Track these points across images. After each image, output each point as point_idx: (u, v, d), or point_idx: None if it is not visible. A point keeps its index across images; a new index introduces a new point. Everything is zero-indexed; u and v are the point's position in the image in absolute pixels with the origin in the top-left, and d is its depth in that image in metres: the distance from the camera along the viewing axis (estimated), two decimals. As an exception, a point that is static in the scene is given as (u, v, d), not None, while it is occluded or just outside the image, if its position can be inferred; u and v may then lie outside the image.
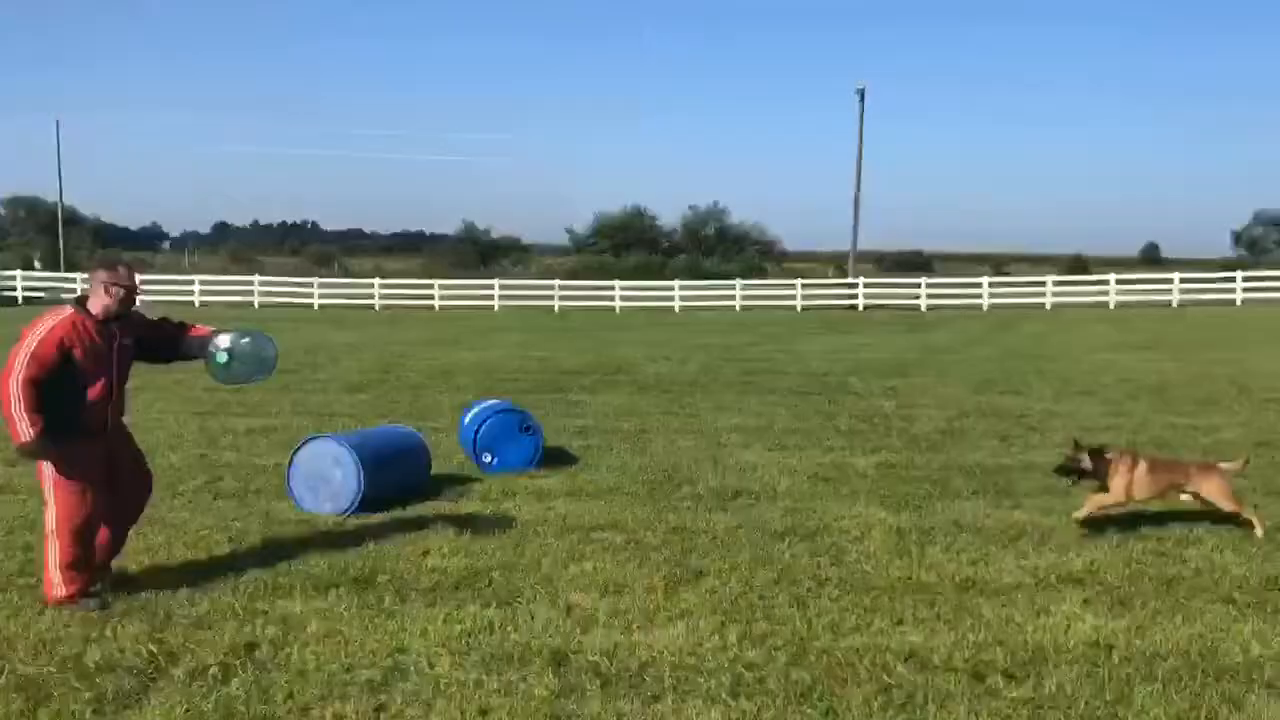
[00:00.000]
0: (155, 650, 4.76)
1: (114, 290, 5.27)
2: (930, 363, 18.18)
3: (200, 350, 5.64)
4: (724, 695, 4.35)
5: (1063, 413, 12.08)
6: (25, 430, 5.09)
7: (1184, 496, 6.92)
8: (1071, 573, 6.00)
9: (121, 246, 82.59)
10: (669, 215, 76.04)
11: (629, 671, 4.58)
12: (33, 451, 5.16)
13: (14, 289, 42.98)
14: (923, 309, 38.71)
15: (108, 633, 4.97)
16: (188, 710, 4.15)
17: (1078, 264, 70.78)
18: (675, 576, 5.90)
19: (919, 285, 41.04)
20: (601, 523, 7.09)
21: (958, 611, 5.36)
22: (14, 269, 48.81)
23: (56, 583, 5.29)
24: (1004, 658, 4.75)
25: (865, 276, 45.74)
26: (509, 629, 5.07)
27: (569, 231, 70.53)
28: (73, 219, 67.42)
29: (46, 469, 5.27)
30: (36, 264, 59.16)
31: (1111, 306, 38.12)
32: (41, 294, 42.72)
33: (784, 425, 11.20)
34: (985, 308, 38.82)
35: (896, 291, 42.03)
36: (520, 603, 5.45)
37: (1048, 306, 38.84)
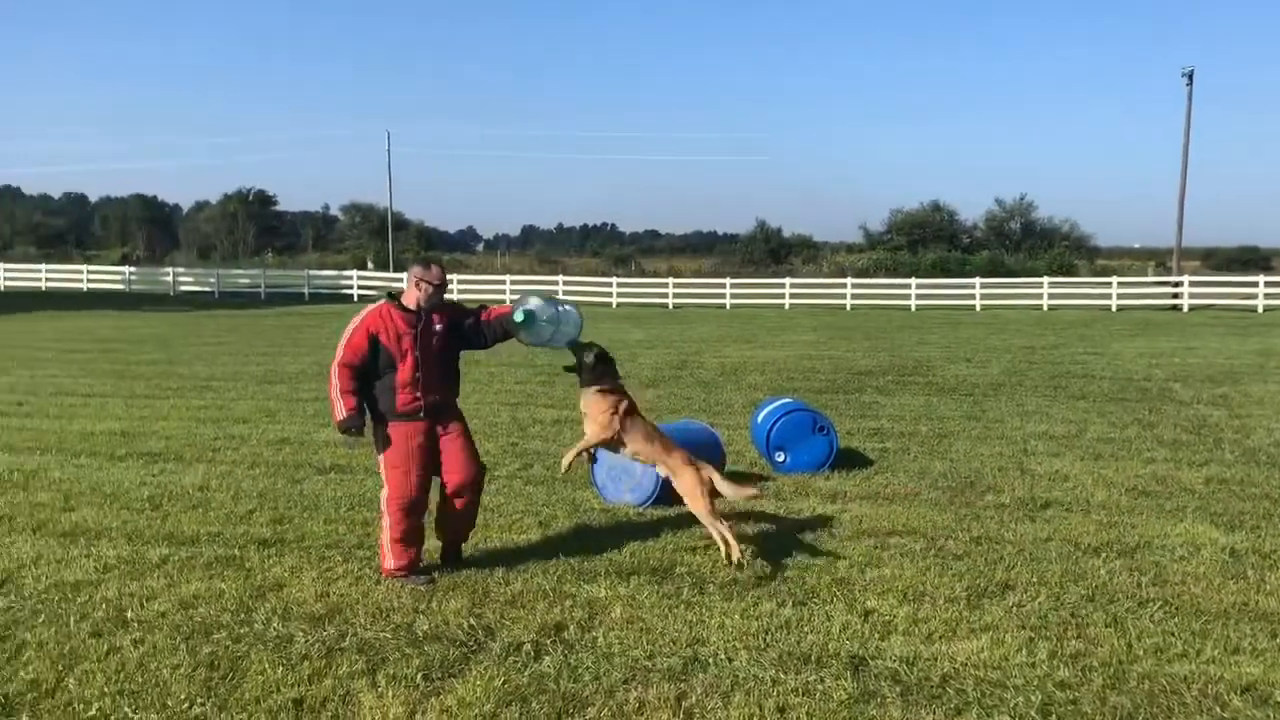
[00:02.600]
0: (475, 624, 5.11)
1: (424, 286, 5.75)
2: (1269, 369, 16.46)
3: (507, 324, 5.95)
4: (1033, 714, 4.14)
5: None
6: (339, 409, 5.66)
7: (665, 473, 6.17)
8: None
9: (441, 249, 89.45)
10: (970, 210, 73.47)
11: (930, 682, 4.45)
12: (346, 428, 5.67)
13: (351, 287, 47.48)
14: (1259, 310, 35.12)
15: (434, 605, 5.39)
16: (505, 683, 4.43)
17: None
18: (979, 588, 5.67)
19: (1255, 284, 37.20)
20: (899, 528, 6.92)
21: (1306, 646, 4.83)
22: (350, 269, 54.17)
23: (388, 555, 5.79)
24: (1364, 702, 4.23)
25: (1190, 274, 42.09)
26: (805, 629, 5.06)
27: (863, 228, 69.68)
28: (400, 223, 73.67)
29: (381, 452, 5.79)
30: (369, 265, 65.17)
31: None
32: (374, 292, 46.87)
33: (1097, 433, 10.50)
34: (1335, 308, 34.72)
35: (1228, 290, 38.35)
36: (816, 603, 5.42)
37: None
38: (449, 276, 6.02)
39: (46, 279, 51.15)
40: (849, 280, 42.53)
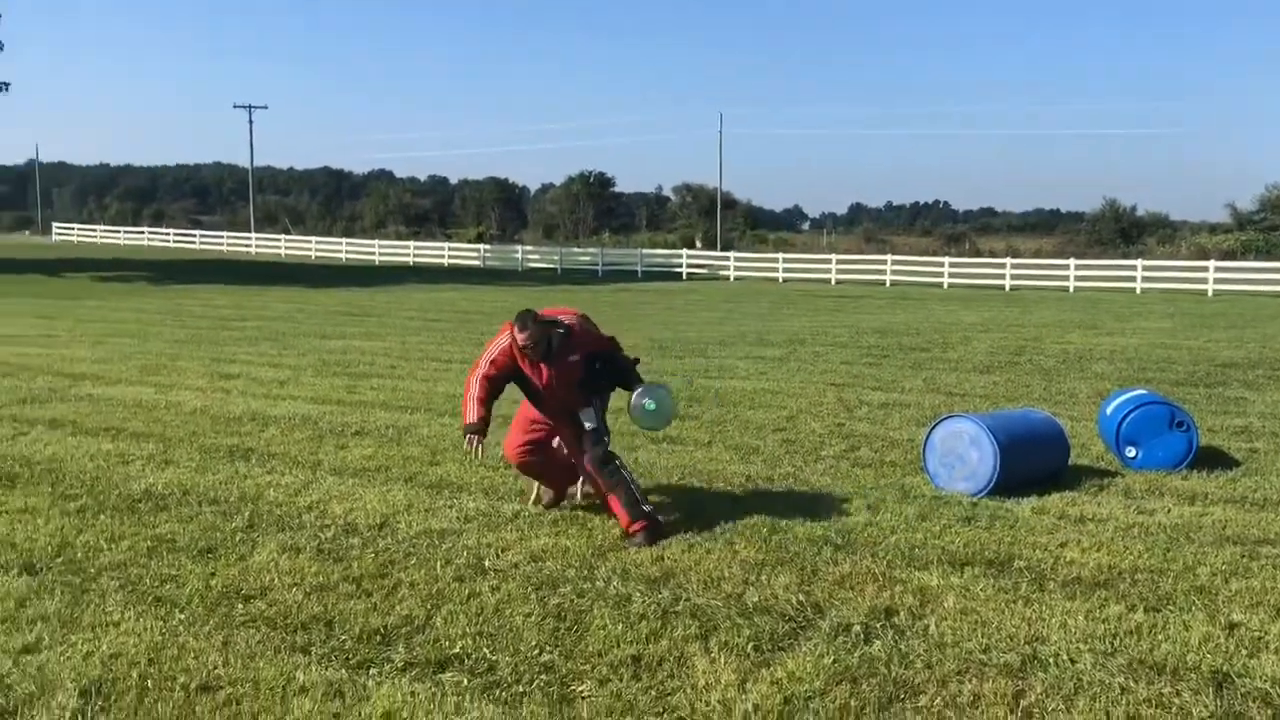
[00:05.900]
0: (804, 601, 5.15)
1: (517, 347, 6.34)
2: None
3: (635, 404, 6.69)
4: None
5: None
6: (470, 413, 6.45)
7: None
8: None
9: (766, 228, 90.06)
10: (1367, 184, 64.58)
11: (1308, 709, 4.02)
12: (469, 432, 6.44)
13: (680, 266, 48.80)
14: None
15: (763, 578, 5.48)
16: (834, 662, 4.44)
17: None
18: (1370, 610, 5.03)
19: None
20: (1272, 536, 6.27)
21: None
22: (680, 249, 55.73)
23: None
24: None
25: None
26: (1159, 637, 4.71)
27: (1230, 207, 63.25)
28: (728, 203, 74.88)
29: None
30: (698, 244, 66.77)
31: None
32: (702, 270, 47.98)
33: None
34: None
35: None
36: (1171, 611, 5.03)
37: None
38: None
39: (414, 255, 56.42)
40: (1211, 263, 38.66)
